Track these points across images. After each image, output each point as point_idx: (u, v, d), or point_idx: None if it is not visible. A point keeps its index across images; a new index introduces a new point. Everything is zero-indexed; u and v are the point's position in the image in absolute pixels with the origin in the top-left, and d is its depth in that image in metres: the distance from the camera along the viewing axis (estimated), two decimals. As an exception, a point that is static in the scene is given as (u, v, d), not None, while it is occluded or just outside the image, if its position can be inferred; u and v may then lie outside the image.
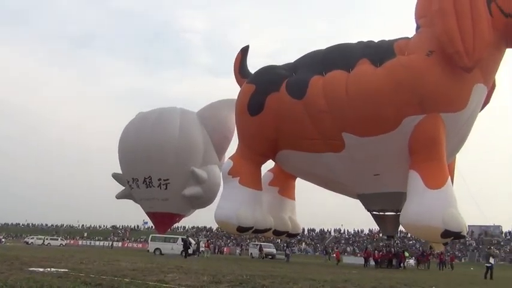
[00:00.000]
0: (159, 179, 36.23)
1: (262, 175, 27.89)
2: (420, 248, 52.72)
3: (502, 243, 55.45)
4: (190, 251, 34.84)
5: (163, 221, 39.49)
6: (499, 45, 20.55)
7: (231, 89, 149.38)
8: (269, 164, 29.74)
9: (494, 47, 20.06)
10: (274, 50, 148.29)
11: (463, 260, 49.56)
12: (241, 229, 24.98)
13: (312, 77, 23.12)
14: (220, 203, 25.57)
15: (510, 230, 59.12)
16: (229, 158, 26.64)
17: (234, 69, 29.50)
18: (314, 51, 25.35)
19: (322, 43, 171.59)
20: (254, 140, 25.68)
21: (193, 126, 37.02)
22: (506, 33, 20.05)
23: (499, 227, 58.97)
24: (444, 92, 20.24)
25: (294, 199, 30.92)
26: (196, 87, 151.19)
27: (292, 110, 23.54)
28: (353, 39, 27.67)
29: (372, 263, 33.16)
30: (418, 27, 22.14)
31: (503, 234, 58.44)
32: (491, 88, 22.85)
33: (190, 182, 36.27)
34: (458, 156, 25.66)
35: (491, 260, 20.70)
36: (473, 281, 19.24)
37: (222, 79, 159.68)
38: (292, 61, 26.32)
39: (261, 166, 27.09)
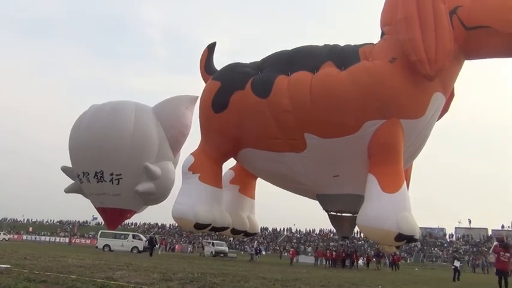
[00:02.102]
0: (111, 174, 35.34)
1: (223, 173, 27.76)
2: (368, 249, 54.35)
3: (445, 245, 58.06)
4: (141, 248, 34.41)
5: (113, 216, 38.53)
6: (459, 56, 21.21)
7: (189, 86, 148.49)
8: (231, 163, 29.64)
9: (454, 58, 20.64)
10: (235, 49, 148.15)
11: (408, 261, 51.38)
12: (199, 226, 24.68)
13: (277, 76, 23.22)
14: (178, 199, 25.15)
15: (453, 232, 62.22)
16: (190, 154, 26.23)
17: (200, 66, 29.22)
18: (280, 51, 25.50)
19: (283, 44, 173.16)
20: (217, 137, 25.52)
21: (149, 121, 36.35)
22: (465, 46, 20.69)
23: (443, 229, 61.99)
24: (404, 99, 20.73)
25: (254, 198, 30.91)
26: (154, 83, 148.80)
27: (256, 109, 23.56)
28: (314, 41, 28.03)
29: (324, 262, 33.87)
30: (382, 34, 22.66)
31: (446, 237, 61.35)
32: (450, 97, 23.63)
33: (143, 177, 35.61)
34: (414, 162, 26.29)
35: (456, 263, 21.62)
36: (417, 281, 20.03)
37: (180, 75, 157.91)
38: (259, 60, 26.32)
39: (222, 164, 26.91)
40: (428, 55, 19.53)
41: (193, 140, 34.73)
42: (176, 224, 76.63)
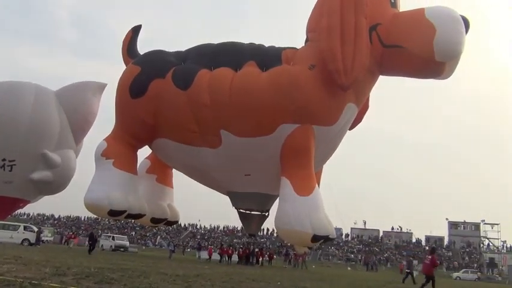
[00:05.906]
0: (3, 160, 32.42)
1: (139, 163, 26.80)
2: (270, 246, 55.93)
3: (341, 244, 61.56)
4: (33, 240, 32.21)
5: (3, 205, 35.46)
6: (374, 71, 22.02)
7: (95, 72, 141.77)
8: (146, 152, 28.69)
9: (369, 72, 21.42)
10: (148, 38, 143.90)
11: (307, 259, 53.64)
12: (113, 213, 23.50)
13: (199, 69, 22.86)
14: (91, 186, 23.80)
15: (349, 232, 66.25)
16: (103, 140, 24.94)
17: (122, 48, 27.86)
18: (206, 44, 25.12)
19: (202, 38, 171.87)
20: (131, 123, 24.59)
21: (50, 105, 33.83)
22: (381, 62, 21.48)
23: (340, 229, 65.60)
24: (318, 106, 21.21)
25: (172, 187, 30.26)
26: (58, 66, 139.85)
27: (174, 100, 23.01)
28: (233, 39, 27.64)
29: (226, 258, 34.19)
30: (307, 40, 23.23)
31: (342, 236, 65.12)
32: (364, 109, 24.83)
33: (40, 165, 33.25)
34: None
35: (410, 268, 24.94)
36: (314, 278, 20.98)
37: (88, 61, 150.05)
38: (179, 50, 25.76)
39: (136, 151, 25.93)
40: (344, 66, 20.32)
41: (99, 130, 33.28)
42: (73, 216, 73.31)
